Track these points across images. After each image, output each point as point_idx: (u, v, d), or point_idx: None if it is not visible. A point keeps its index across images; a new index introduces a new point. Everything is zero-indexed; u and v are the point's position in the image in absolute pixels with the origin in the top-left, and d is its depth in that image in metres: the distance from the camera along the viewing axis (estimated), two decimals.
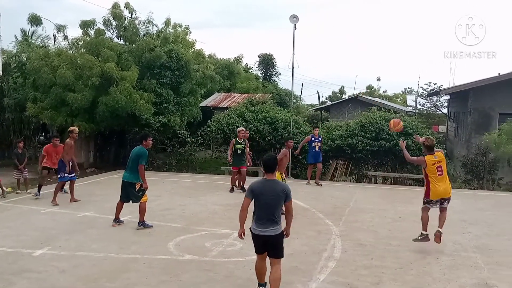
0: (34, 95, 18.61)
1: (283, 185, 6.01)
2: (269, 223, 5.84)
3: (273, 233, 5.86)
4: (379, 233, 9.54)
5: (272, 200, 5.84)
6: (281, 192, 5.86)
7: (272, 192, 5.83)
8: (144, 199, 9.46)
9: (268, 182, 5.92)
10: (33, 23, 20.01)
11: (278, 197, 5.85)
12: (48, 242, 8.37)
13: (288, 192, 5.90)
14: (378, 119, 17.26)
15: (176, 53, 19.97)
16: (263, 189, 5.87)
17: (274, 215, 5.85)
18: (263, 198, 5.83)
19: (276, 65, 44.82)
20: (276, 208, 5.87)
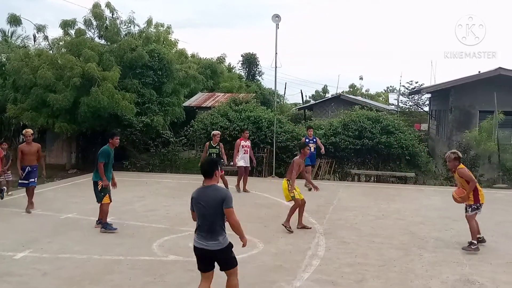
0: (14, 96, 18.37)
1: (221, 191, 5.29)
2: (210, 235, 5.19)
3: (215, 247, 5.19)
4: (362, 231, 9.61)
5: (209, 209, 5.17)
6: (218, 199, 5.16)
7: (208, 200, 5.20)
8: (106, 200, 9.23)
9: (205, 188, 5.30)
10: (12, 23, 19.72)
11: (215, 204, 5.17)
12: (30, 244, 8.26)
13: (226, 198, 5.18)
14: (361, 118, 17.41)
15: (158, 53, 19.87)
16: (199, 197, 5.27)
17: (214, 225, 5.18)
18: (200, 207, 5.23)
19: (259, 64, 44.90)
20: (215, 218, 5.17)
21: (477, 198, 8.29)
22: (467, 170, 8.46)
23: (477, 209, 8.33)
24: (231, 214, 5.18)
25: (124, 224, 9.81)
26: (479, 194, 8.32)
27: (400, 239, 9.05)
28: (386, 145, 16.70)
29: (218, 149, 13.41)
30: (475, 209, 8.31)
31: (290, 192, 9.45)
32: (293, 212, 9.48)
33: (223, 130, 17.65)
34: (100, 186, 9.22)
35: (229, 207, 5.16)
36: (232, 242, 5.37)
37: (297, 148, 10.01)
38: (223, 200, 5.15)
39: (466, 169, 8.47)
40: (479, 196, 8.30)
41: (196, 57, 34.42)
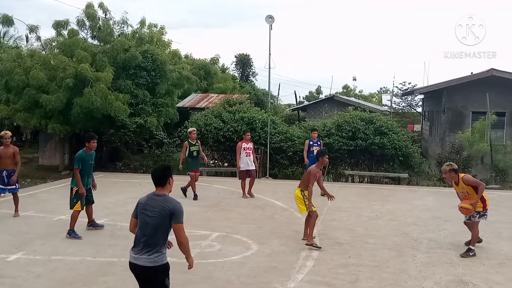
0: (6, 96, 18.26)
1: (172, 202, 4.59)
2: (146, 249, 4.53)
3: (146, 263, 4.53)
4: (356, 232, 9.63)
5: (153, 219, 4.54)
6: (167, 211, 4.51)
7: (154, 209, 4.56)
8: (77, 207, 8.93)
9: (155, 197, 4.67)
10: (4, 24, 19.62)
11: (161, 216, 4.52)
12: (23, 246, 8.21)
13: (176, 211, 4.53)
14: (354, 119, 17.46)
15: (151, 54, 19.82)
16: (146, 205, 4.65)
17: (153, 239, 4.53)
18: (143, 215, 4.61)
19: (253, 65, 44.88)
20: (156, 230, 4.52)
21: (485, 204, 8.21)
22: (471, 176, 8.44)
23: (484, 216, 8.26)
24: (180, 231, 4.54)
25: (117, 225, 9.78)
26: (486, 199, 8.26)
27: (393, 239, 9.08)
28: (380, 146, 16.76)
29: (198, 146, 13.00)
30: (482, 215, 8.23)
31: (308, 206, 8.54)
32: (313, 226, 8.63)
33: (217, 131, 17.68)
34: (75, 191, 8.96)
35: (178, 222, 4.53)
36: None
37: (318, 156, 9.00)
38: (172, 214, 4.51)
39: (474, 179, 8.36)
40: (486, 203, 8.24)
41: (189, 58, 34.37)
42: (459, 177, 8.16)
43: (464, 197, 8.23)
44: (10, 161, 10.61)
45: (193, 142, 12.94)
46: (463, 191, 8.19)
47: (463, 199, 8.26)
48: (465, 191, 8.17)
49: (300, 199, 8.69)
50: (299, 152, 17.39)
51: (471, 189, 8.09)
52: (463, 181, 8.12)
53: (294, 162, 17.71)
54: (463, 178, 8.16)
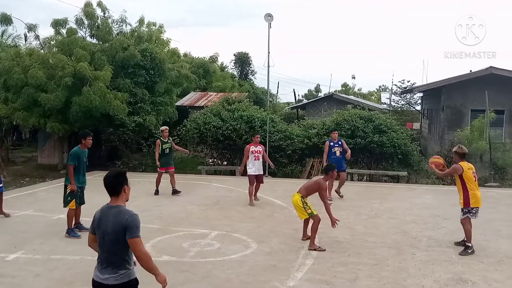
0: (5, 95, 18.24)
1: (126, 214, 4.08)
2: (110, 266, 4.11)
3: (112, 281, 4.10)
4: (355, 230, 9.64)
5: (108, 236, 4.06)
6: (120, 226, 4.01)
7: (108, 224, 4.07)
8: (72, 205, 8.91)
9: (108, 209, 4.17)
10: (3, 23, 19.58)
11: (114, 232, 4.04)
12: (22, 245, 8.20)
13: (130, 225, 4.00)
14: (353, 117, 17.46)
15: (150, 52, 19.80)
16: (101, 219, 4.16)
17: (114, 256, 4.10)
18: (99, 232, 4.15)
19: (252, 63, 44.87)
20: (113, 246, 4.07)
21: (467, 201, 8.10)
22: (458, 166, 8.21)
23: (469, 213, 8.13)
24: (136, 246, 4.02)
25: None
26: (470, 197, 8.08)
27: (392, 238, 9.09)
28: (379, 144, 16.76)
29: (170, 143, 13.36)
30: (466, 212, 8.14)
31: (333, 220, 8.44)
32: (315, 231, 8.38)
33: (216, 129, 17.66)
34: (69, 190, 8.95)
35: (133, 237, 3.99)
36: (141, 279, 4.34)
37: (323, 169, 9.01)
38: (125, 228, 4.00)
39: (459, 166, 8.19)
40: (469, 199, 8.08)
41: (188, 57, 34.35)
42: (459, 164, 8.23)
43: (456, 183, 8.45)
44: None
45: (165, 140, 13.30)
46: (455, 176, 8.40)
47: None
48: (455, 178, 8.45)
49: (299, 206, 8.46)
50: (298, 150, 17.41)
51: (459, 180, 8.20)
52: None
53: (293, 161, 17.72)
54: (453, 166, 8.39)
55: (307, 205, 8.44)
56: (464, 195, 8.12)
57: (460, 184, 8.16)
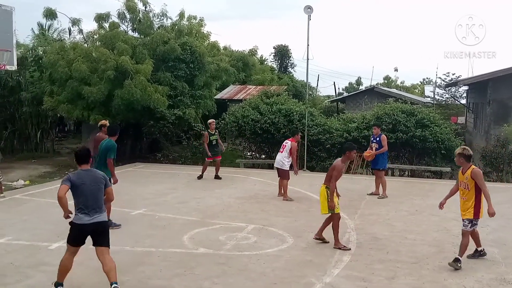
0: (50, 88, 18.78)
1: (100, 172, 6.26)
2: (95, 211, 5.93)
3: (101, 219, 5.99)
4: (395, 227, 9.44)
5: (95, 188, 5.96)
6: (101, 180, 6.06)
7: (93, 180, 5.99)
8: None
9: (86, 172, 6.06)
10: (48, 17, 20.15)
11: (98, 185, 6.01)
12: (64, 235, 8.31)
13: (106, 179, 6.19)
14: (395, 111, 17.06)
15: (190, 46, 19.94)
16: (83, 179, 5.95)
17: (98, 203, 5.99)
18: (85, 187, 5.92)
19: (292, 56, 44.55)
20: (100, 196, 6.01)
21: (478, 211, 7.18)
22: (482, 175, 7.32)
23: (476, 225, 7.27)
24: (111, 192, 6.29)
25: (156, 216, 9.93)
26: (481, 207, 7.23)
27: (433, 235, 8.85)
28: (421, 138, 16.34)
29: (216, 135, 14.50)
30: (474, 224, 7.22)
31: (330, 204, 7.91)
32: (337, 229, 7.98)
33: (254, 123, 17.64)
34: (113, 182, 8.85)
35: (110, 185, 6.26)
36: None
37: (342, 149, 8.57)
38: (104, 180, 6.09)
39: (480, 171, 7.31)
40: (480, 210, 7.21)
41: (228, 50, 34.42)
42: (469, 167, 7.20)
43: (463, 188, 7.25)
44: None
45: (213, 132, 14.42)
46: (466, 181, 7.18)
47: (462, 193, 7.32)
48: (467, 183, 7.17)
49: (324, 197, 8.04)
50: (337, 144, 17.18)
51: (473, 187, 7.13)
52: (472, 173, 7.12)
53: (332, 155, 17.48)
54: (474, 170, 7.16)
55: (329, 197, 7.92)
56: (476, 204, 7.16)
57: (474, 192, 7.15)
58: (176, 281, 6.44)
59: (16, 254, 7.41)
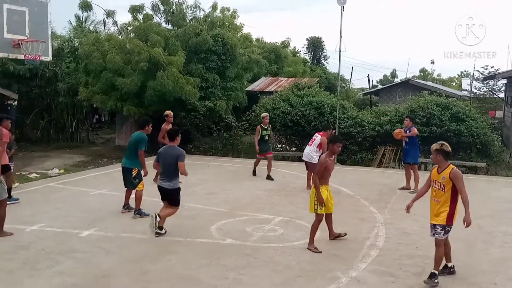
0: (85, 79, 19.16)
1: (178, 149, 8.02)
2: (167, 178, 7.89)
3: (166, 186, 7.87)
4: (426, 222, 9.18)
5: (169, 162, 7.82)
6: (175, 156, 7.84)
7: (170, 156, 7.84)
8: (140, 187, 9.14)
9: (170, 148, 8.00)
10: (84, 9, 20.54)
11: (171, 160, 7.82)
12: (95, 223, 8.63)
13: (181, 154, 7.90)
14: (429, 104, 16.69)
15: (222, 38, 19.97)
16: (166, 153, 7.98)
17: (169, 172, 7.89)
18: (164, 159, 7.90)
19: (325, 48, 44.16)
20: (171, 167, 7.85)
21: (452, 216, 6.35)
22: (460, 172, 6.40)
23: (448, 233, 6.41)
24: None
25: (185, 206, 10.00)
26: (456, 213, 6.40)
27: (465, 232, 8.60)
28: (456, 133, 15.94)
29: (269, 130, 13.63)
30: (447, 231, 6.37)
31: (319, 198, 7.39)
32: (315, 231, 7.49)
33: (284, 115, 17.58)
34: (136, 172, 9.16)
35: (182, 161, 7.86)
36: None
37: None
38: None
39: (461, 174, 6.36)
40: (454, 215, 6.38)
41: (260, 42, 34.35)
42: (447, 166, 6.37)
43: (437, 189, 6.41)
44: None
45: (265, 126, 13.43)
46: (442, 182, 6.32)
47: (434, 194, 6.47)
48: (443, 184, 6.31)
49: (311, 197, 7.58)
50: (369, 138, 16.96)
51: (450, 189, 6.28)
52: (451, 174, 6.26)
53: (363, 148, 17.31)
54: (453, 170, 6.30)
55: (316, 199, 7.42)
56: (451, 208, 6.32)
57: (450, 194, 6.30)
58: (202, 271, 6.50)
59: (48, 240, 7.62)
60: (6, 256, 6.84)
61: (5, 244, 7.33)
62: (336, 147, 7.64)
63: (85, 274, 6.29)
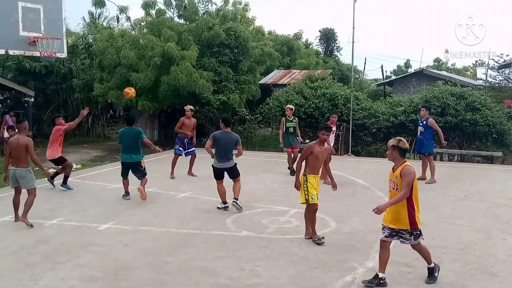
0: (100, 75, 19.35)
1: (234, 134, 9.28)
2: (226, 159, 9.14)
3: (229, 165, 9.15)
4: (442, 212, 9.22)
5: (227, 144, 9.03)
6: (233, 140, 9.13)
7: (228, 139, 9.05)
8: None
9: (226, 133, 9.13)
10: (97, 5, 20.68)
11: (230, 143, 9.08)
12: (113, 217, 8.75)
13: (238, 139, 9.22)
14: (444, 94, 16.56)
15: (234, 31, 19.99)
16: (222, 137, 9.09)
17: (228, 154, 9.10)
18: (222, 142, 9.04)
19: (338, 39, 43.87)
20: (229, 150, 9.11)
21: (415, 220, 5.84)
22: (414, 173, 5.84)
23: (421, 236, 5.96)
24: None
25: (200, 199, 10.12)
26: (416, 214, 5.86)
27: (482, 221, 8.59)
28: (471, 122, 15.81)
29: (295, 122, 13.03)
30: (418, 235, 5.91)
31: (295, 184, 7.49)
32: (312, 222, 7.46)
33: (298, 107, 17.56)
34: (143, 162, 10.18)
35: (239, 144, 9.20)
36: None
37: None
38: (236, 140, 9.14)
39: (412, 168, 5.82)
40: (416, 216, 5.85)
41: (273, 34, 34.26)
42: (402, 163, 5.87)
43: (392, 189, 5.94)
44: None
45: (290, 118, 12.97)
46: (395, 181, 5.85)
47: (390, 195, 6.03)
48: (396, 183, 5.84)
49: (302, 185, 7.45)
50: (383, 129, 16.88)
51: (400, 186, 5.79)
52: (401, 171, 5.78)
53: (378, 139, 17.24)
54: (405, 167, 5.79)
55: (307, 187, 7.34)
56: (409, 210, 5.79)
57: (407, 198, 5.77)
58: (218, 263, 6.57)
59: (67, 234, 7.75)
60: (27, 250, 6.98)
61: (26, 239, 7.48)
62: (321, 135, 7.41)
63: (104, 267, 6.40)
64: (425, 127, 12.14)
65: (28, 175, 8.27)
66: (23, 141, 8.16)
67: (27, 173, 8.26)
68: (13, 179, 8.30)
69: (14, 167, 8.24)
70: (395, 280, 6.08)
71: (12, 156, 8.24)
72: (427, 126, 12.11)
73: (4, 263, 6.53)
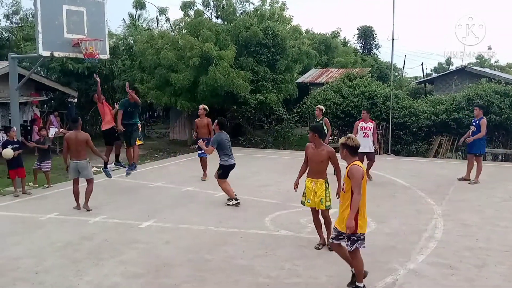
0: (141, 76, 19.70)
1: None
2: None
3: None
4: (486, 213, 8.97)
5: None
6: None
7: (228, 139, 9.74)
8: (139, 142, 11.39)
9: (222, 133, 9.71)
10: (137, 7, 21.09)
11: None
12: (154, 214, 8.92)
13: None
14: (488, 92, 16.06)
15: (272, 30, 19.95)
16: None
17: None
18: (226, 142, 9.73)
19: (377, 37, 43.26)
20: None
21: (357, 223, 5.42)
22: (361, 173, 5.41)
23: (357, 242, 5.48)
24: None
25: (238, 198, 10.17)
26: (359, 218, 5.47)
27: None
28: None
29: (322, 123, 12.79)
30: (355, 241, 5.46)
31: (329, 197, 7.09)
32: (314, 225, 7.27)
33: (336, 106, 17.43)
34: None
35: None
36: None
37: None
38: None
39: (360, 168, 5.46)
40: (358, 222, 5.43)
41: (310, 33, 34.06)
42: (351, 162, 5.53)
43: (343, 191, 5.65)
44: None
45: (318, 119, 12.96)
46: (344, 181, 5.61)
47: (342, 196, 5.74)
48: (344, 183, 5.57)
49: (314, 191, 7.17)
50: (424, 127, 16.53)
51: (350, 189, 5.44)
52: (348, 171, 5.47)
53: (418, 139, 16.88)
54: (352, 167, 5.44)
55: (303, 191, 7.26)
56: (351, 213, 5.40)
57: (350, 196, 5.44)
58: (257, 262, 6.60)
59: (110, 232, 7.96)
60: (73, 247, 7.21)
61: (71, 236, 7.72)
62: (309, 136, 7.15)
63: (146, 263, 6.54)
64: (477, 127, 11.64)
65: (89, 166, 9.33)
66: (82, 136, 9.18)
67: (88, 164, 9.29)
68: (75, 171, 9.19)
69: (75, 160, 9.14)
70: (439, 282, 5.97)
71: (71, 150, 9.12)
72: (479, 126, 11.62)
73: (50, 259, 6.76)
